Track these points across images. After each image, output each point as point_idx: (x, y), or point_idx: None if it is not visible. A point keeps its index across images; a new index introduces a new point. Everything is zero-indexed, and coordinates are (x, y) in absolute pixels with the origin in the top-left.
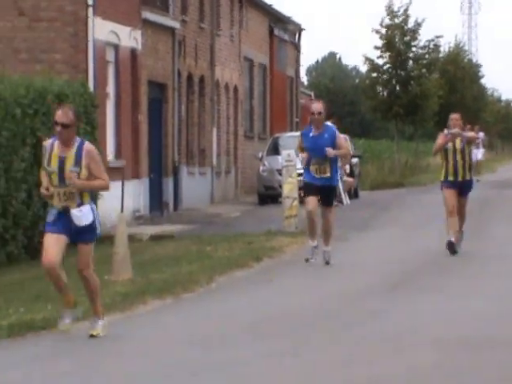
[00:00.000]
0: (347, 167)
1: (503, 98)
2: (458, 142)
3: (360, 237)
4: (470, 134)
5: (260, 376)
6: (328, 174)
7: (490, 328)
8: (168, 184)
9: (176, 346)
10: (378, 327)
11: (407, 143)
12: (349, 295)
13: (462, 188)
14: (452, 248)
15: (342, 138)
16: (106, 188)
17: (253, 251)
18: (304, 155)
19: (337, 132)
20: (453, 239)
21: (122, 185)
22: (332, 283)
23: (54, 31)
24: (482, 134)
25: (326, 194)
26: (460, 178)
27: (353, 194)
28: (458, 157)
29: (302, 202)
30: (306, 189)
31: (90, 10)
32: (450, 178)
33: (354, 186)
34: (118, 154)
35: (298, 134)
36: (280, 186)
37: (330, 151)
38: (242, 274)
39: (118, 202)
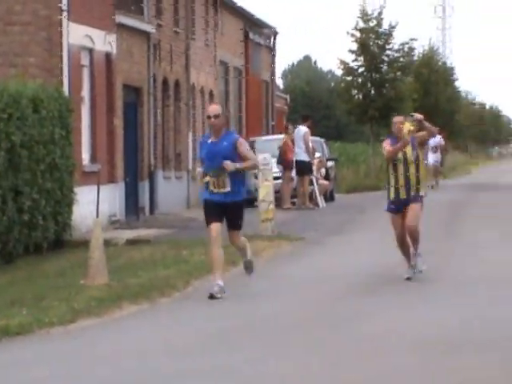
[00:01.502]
0: (323, 170)
1: (477, 100)
2: (408, 150)
3: (336, 240)
4: (420, 133)
5: (243, 382)
6: (227, 189)
7: (470, 331)
8: (144, 188)
9: (150, 352)
10: (358, 330)
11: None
12: (327, 299)
13: (411, 202)
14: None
15: (245, 147)
16: None
17: (229, 255)
18: (199, 169)
19: (240, 140)
20: (407, 275)
21: (98, 189)
22: (309, 288)
23: (27, 35)
24: (439, 138)
25: (230, 213)
26: (414, 193)
27: (328, 197)
28: (412, 169)
29: (277, 205)
30: (206, 210)
31: (64, 14)
32: (402, 196)
33: (329, 189)
34: (94, 158)
35: (274, 137)
36: (256, 190)
37: (228, 165)
38: None
39: (94, 207)
